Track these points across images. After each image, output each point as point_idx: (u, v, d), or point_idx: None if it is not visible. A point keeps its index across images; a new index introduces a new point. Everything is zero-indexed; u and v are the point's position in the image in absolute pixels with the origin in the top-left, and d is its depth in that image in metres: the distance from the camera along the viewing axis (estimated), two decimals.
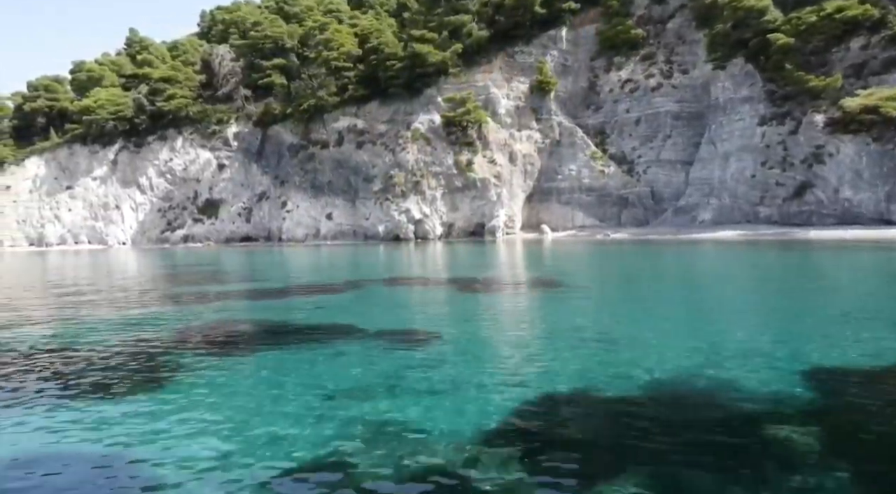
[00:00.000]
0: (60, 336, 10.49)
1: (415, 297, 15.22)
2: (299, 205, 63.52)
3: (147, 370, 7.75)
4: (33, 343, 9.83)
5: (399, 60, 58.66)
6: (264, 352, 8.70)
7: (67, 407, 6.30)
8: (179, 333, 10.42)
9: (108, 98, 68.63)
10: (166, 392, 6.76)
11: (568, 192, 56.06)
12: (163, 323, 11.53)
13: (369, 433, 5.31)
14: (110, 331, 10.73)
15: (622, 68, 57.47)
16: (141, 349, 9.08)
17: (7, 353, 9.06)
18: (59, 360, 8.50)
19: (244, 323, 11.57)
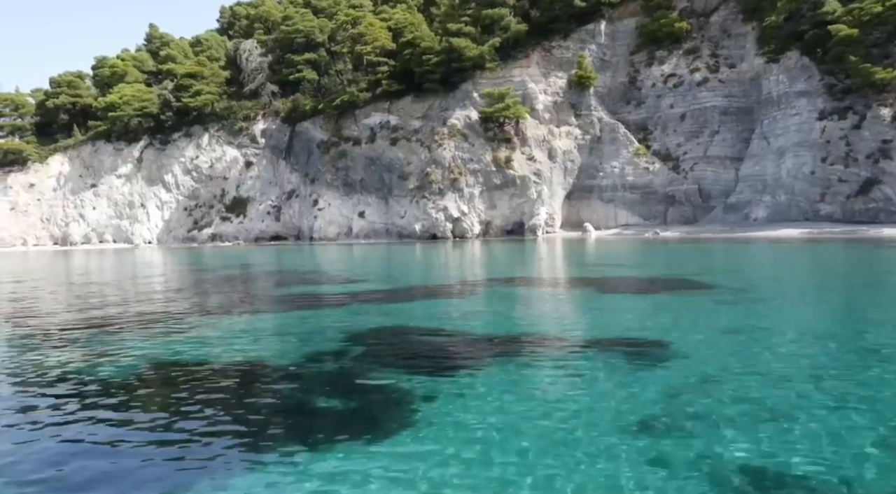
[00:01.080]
0: (244, 352, 9.18)
1: (571, 300, 13.81)
2: (331, 203, 62.19)
3: (374, 398, 6.36)
4: (219, 368, 8.52)
5: (435, 55, 57.28)
6: (485, 369, 7.32)
7: (318, 457, 4.90)
8: (366, 346, 9.10)
9: (133, 94, 67.34)
10: (415, 429, 5.28)
11: (610, 190, 54.71)
12: (332, 333, 10.19)
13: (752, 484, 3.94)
14: (274, 345, 9.40)
15: (664, 62, 56.09)
16: (337, 367, 7.74)
17: (185, 371, 7.74)
18: (253, 389, 7.17)
19: (417, 332, 10.22)
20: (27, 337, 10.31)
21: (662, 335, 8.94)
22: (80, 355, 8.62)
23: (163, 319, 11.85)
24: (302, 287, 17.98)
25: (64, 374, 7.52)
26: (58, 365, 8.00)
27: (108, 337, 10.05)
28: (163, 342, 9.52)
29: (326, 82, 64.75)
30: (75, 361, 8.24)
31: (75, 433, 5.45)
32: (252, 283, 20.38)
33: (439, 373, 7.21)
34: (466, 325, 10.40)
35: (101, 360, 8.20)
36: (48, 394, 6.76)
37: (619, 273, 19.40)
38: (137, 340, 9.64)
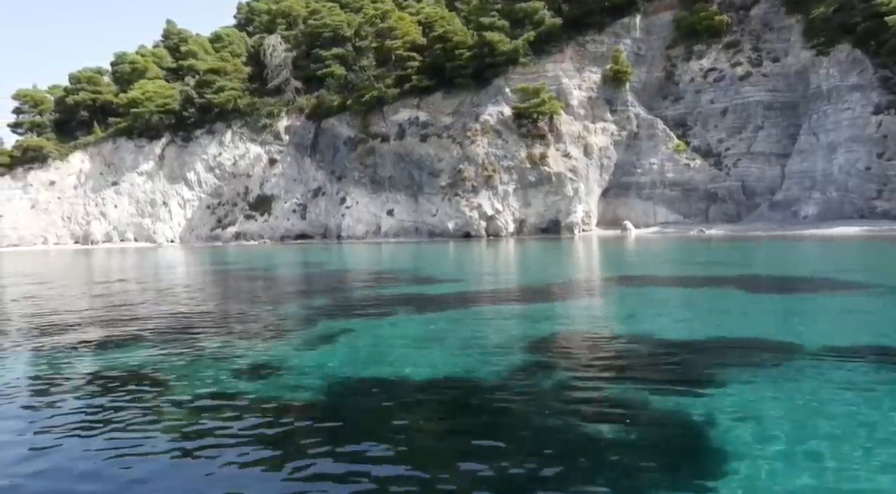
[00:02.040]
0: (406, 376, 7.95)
1: (741, 301, 12.51)
2: (358, 201, 60.97)
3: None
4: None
5: (468, 49, 56.03)
6: (737, 381, 6.08)
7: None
8: (566, 356, 7.85)
9: (156, 90, 66.18)
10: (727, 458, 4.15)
11: (649, 187, 53.41)
12: (502, 339, 8.95)
13: None
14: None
15: (703, 57, 54.75)
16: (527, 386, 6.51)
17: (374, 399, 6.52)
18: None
19: (599, 338, 8.97)
20: (99, 347, 9.09)
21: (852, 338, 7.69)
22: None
23: (298, 329, 10.61)
24: (400, 287, 16.74)
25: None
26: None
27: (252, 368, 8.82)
28: (328, 352, 8.31)
29: (353, 78, 63.49)
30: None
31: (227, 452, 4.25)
32: (346, 284, 19.12)
33: (689, 387, 6.01)
34: (651, 329, 9.15)
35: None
36: (153, 411, 5.55)
37: (733, 271, 18.12)
38: (304, 356, 8.42)
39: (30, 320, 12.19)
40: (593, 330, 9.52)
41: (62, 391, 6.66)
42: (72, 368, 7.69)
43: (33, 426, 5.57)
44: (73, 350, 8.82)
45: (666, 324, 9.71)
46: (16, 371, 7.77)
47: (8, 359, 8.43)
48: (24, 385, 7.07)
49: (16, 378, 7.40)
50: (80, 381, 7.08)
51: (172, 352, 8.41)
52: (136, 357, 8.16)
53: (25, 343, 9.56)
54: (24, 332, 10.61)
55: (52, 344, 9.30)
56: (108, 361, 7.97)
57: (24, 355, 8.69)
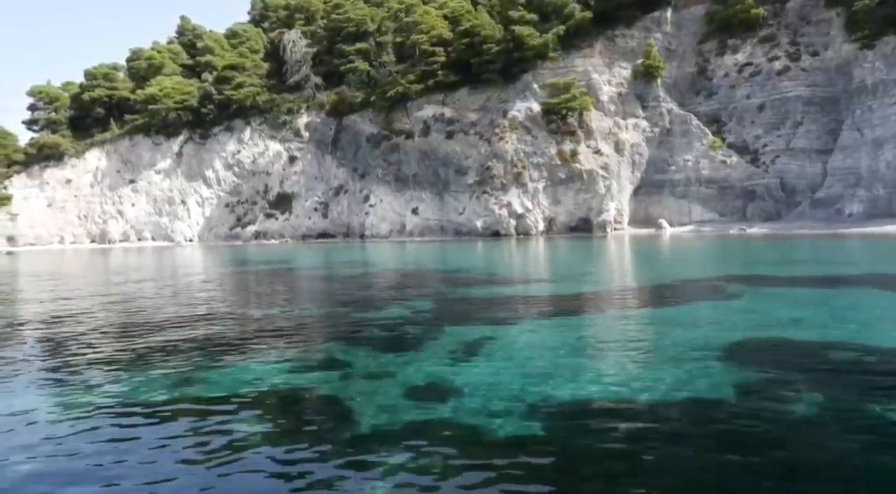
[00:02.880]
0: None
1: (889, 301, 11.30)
2: (382, 199, 59.76)
3: None
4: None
5: (496, 44, 54.78)
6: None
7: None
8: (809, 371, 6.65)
9: (174, 86, 64.95)
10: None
11: (683, 185, 52.17)
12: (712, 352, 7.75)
13: None
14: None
15: (738, 51, 53.47)
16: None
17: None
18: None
19: (825, 347, 7.76)
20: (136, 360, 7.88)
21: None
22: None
23: (430, 338, 9.38)
24: (491, 288, 15.51)
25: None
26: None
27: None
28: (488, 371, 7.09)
29: (376, 74, 62.26)
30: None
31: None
32: (428, 285, 17.88)
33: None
34: (844, 334, 7.93)
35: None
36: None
37: (837, 270, 16.89)
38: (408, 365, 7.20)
39: (55, 326, 11.02)
40: (779, 335, 8.28)
41: (143, 421, 5.48)
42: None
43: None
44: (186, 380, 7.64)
45: (856, 329, 8.52)
46: (44, 387, 6.60)
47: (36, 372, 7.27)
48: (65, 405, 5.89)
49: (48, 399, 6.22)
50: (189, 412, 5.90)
51: (329, 372, 7.22)
52: (320, 385, 6.96)
53: (58, 354, 8.40)
54: (50, 342, 9.43)
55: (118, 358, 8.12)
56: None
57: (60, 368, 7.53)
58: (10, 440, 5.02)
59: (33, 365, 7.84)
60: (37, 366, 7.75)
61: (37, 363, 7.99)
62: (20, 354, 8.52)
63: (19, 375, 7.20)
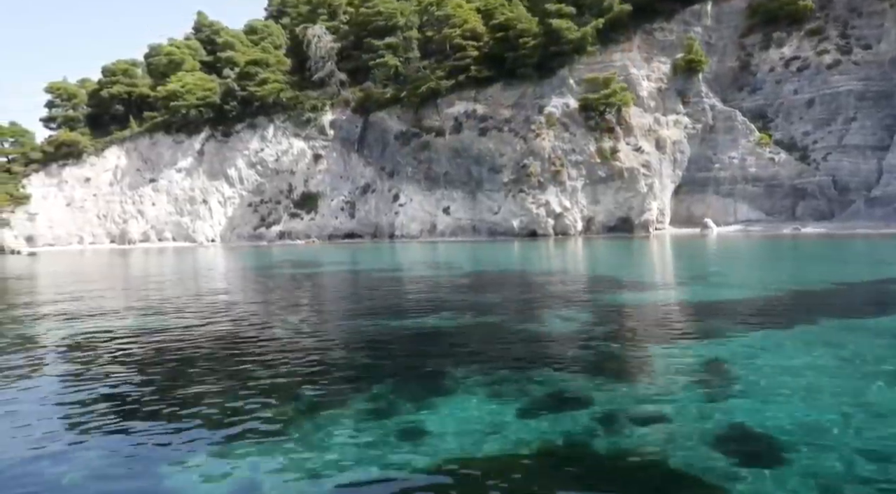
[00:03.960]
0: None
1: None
2: (412, 198, 58.03)
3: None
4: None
5: (532, 37, 53.05)
6: None
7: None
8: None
9: (195, 83, 63.25)
10: None
11: (728, 183, 50.40)
12: None
13: None
14: None
15: (784, 45, 51.71)
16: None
17: None
18: None
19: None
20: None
21: None
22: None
23: (629, 358, 7.62)
24: (638, 292, 13.75)
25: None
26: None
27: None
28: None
29: (405, 69, 60.59)
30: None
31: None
32: (547, 289, 16.12)
33: None
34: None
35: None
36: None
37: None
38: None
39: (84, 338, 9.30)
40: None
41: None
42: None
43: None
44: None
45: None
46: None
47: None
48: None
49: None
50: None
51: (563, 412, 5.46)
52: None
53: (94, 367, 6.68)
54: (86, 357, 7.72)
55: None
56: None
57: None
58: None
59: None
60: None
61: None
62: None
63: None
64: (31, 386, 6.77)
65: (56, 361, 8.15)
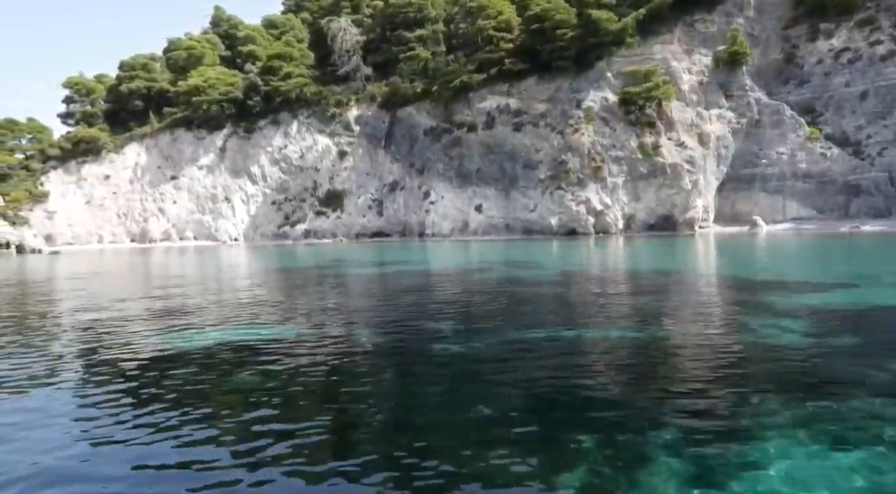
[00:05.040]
0: None
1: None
2: (443, 195, 56.23)
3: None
4: None
5: (570, 29, 51.24)
6: None
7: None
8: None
9: (218, 77, 61.52)
10: None
11: (776, 179, 48.53)
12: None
13: None
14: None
15: (832, 36, 49.84)
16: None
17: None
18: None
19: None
20: None
21: None
22: None
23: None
24: (832, 294, 11.92)
25: None
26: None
27: None
28: None
29: (434, 63, 58.81)
30: None
31: None
32: (691, 295, 14.31)
33: None
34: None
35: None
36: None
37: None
38: None
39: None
40: None
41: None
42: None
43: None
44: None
45: None
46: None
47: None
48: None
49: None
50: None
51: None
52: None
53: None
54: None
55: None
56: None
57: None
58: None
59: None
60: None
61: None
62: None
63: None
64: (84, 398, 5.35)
65: (114, 369, 6.39)
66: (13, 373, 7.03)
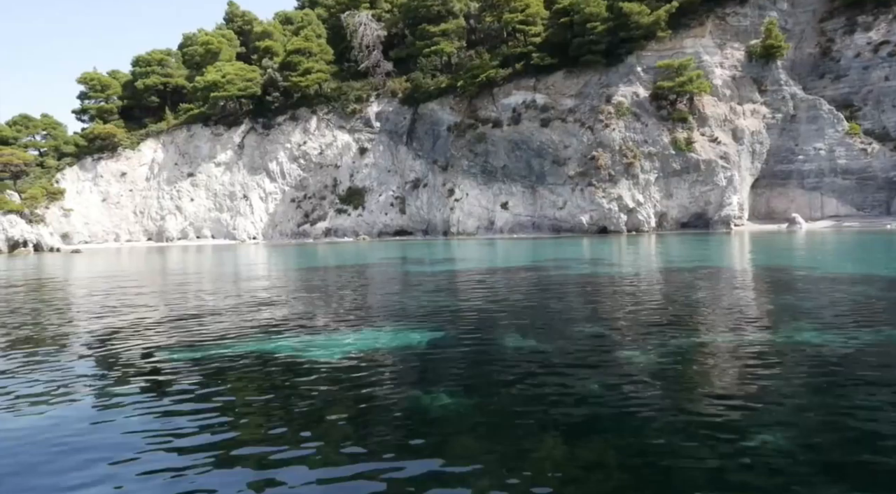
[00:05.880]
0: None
1: None
2: (468, 193, 55.01)
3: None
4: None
5: (601, 22, 50.01)
6: None
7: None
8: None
9: (236, 72, 60.31)
10: None
11: (814, 176, 47.34)
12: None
13: None
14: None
15: (871, 29, 48.68)
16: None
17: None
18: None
19: None
20: None
21: None
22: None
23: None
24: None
25: None
26: None
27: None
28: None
29: (459, 57, 57.61)
30: None
31: None
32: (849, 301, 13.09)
33: None
34: None
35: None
36: None
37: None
38: None
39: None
40: None
41: None
42: None
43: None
44: None
45: None
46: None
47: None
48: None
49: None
50: None
51: None
52: None
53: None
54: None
55: None
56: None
57: None
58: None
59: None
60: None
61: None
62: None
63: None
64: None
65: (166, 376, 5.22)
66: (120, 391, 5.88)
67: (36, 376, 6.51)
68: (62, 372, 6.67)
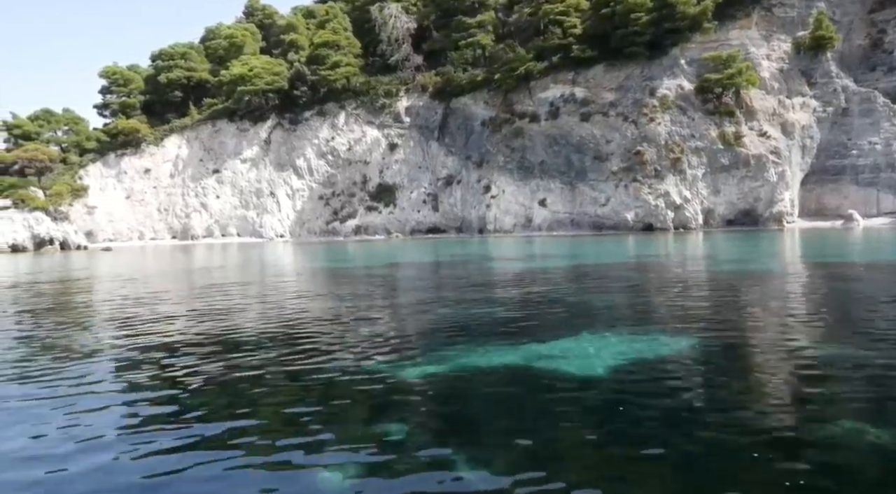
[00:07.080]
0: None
1: None
2: (504, 189, 53.43)
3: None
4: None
5: (646, 13, 48.44)
6: None
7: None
8: None
9: (263, 66, 58.72)
10: None
11: (869, 171, 45.76)
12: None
13: None
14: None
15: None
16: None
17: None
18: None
19: None
20: None
21: None
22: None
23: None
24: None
25: None
26: None
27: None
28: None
29: (494, 51, 56.03)
30: None
31: None
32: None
33: None
34: None
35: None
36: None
37: None
38: None
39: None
40: None
41: None
42: None
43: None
44: None
45: None
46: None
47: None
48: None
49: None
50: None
51: None
52: None
53: None
54: None
55: None
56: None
57: None
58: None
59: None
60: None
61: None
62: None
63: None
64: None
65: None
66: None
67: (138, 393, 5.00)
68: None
